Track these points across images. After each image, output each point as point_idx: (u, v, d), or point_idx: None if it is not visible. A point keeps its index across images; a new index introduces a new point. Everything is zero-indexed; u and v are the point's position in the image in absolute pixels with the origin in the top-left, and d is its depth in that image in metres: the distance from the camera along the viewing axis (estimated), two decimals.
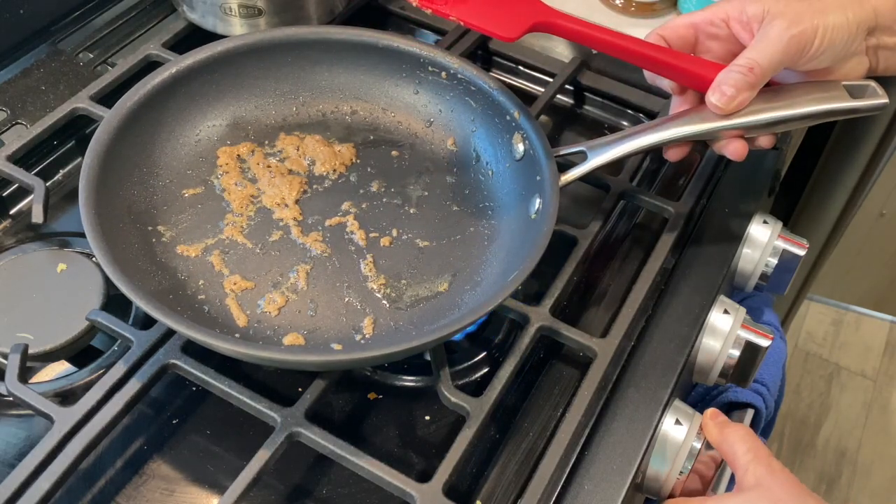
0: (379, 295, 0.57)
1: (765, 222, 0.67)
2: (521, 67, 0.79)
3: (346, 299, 0.56)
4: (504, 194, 0.62)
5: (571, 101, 0.78)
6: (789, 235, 0.68)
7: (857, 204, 1.32)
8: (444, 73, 0.65)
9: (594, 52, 0.77)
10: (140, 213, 0.57)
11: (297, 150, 0.64)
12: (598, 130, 0.76)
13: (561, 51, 0.79)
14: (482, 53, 0.80)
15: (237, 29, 0.74)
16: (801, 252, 0.67)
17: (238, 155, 0.63)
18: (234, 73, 0.63)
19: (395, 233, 0.60)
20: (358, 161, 0.65)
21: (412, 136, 0.67)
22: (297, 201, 0.61)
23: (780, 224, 0.68)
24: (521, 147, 0.61)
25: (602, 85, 0.76)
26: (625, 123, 0.76)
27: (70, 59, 0.75)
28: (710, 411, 0.55)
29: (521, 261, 0.52)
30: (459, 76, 0.64)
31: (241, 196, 0.61)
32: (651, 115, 0.74)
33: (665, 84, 0.60)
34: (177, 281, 0.55)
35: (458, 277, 0.58)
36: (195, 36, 0.77)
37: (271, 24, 0.74)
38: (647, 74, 0.60)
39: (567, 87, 0.76)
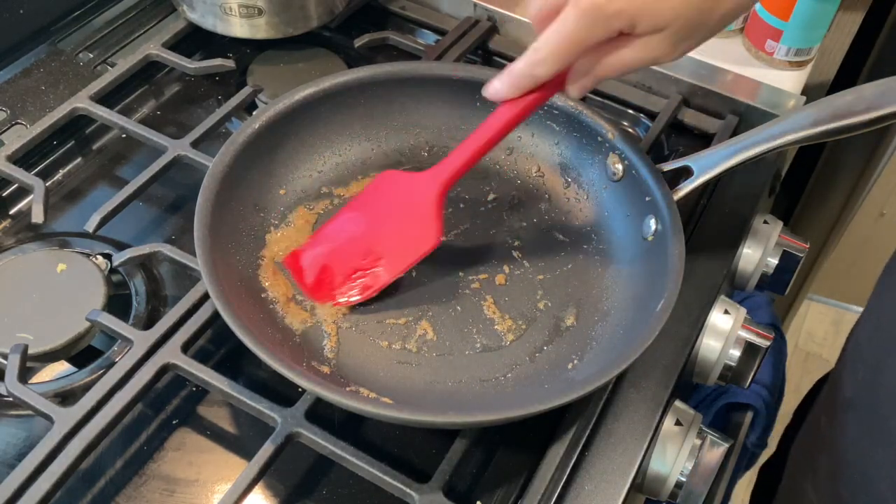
0: (511, 337, 0.56)
1: (765, 222, 0.67)
2: None
3: (478, 345, 0.55)
4: (606, 217, 0.61)
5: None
6: (790, 235, 0.68)
7: (856, 204, 1.32)
8: None
9: None
10: (250, 279, 0.55)
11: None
12: None
13: None
14: (482, 53, 0.80)
15: (237, 29, 0.74)
16: (802, 252, 0.67)
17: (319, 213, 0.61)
18: (310, 124, 0.61)
19: (506, 269, 0.59)
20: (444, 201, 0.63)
21: (494, 167, 0.65)
22: None
23: (780, 224, 0.68)
24: (618, 167, 0.59)
25: (602, 85, 0.76)
26: (625, 123, 0.76)
27: (70, 59, 0.75)
28: None
29: (658, 289, 0.51)
30: None
31: None
32: (651, 116, 0.74)
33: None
34: (313, 349, 0.54)
35: (584, 309, 0.57)
36: (195, 36, 0.77)
37: (271, 23, 0.74)
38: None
39: None
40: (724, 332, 0.60)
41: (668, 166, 0.58)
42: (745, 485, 1.56)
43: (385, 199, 0.58)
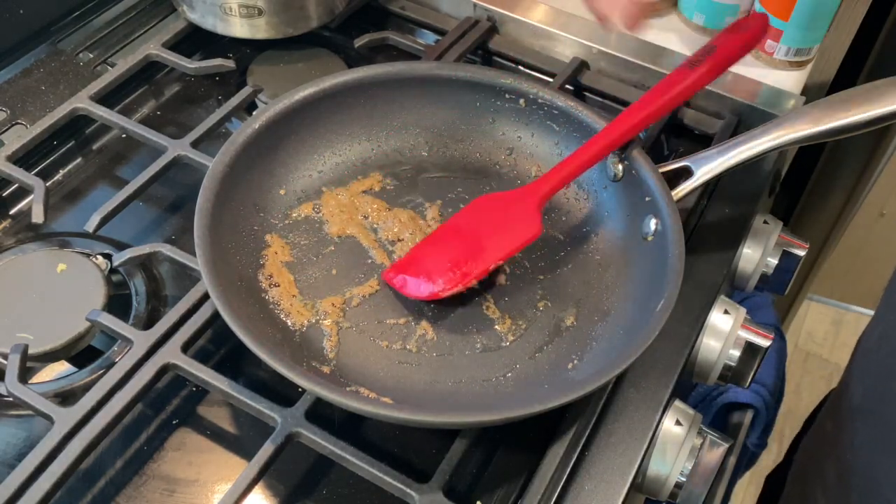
0: (511, 337, 0.56)
1: (765, 222, 0.67)
2: (521, 67, 0.79)
3: (478, 345, 0.55)
4: (605, 217, 0.61)
5: None
6: (790, 235, 0.68)
7: (857, 204, 1.32)
8: (522, 100, 0.63)
9: (594, 51, 0.77)
10: (250, 279, 0.55)
11: (373, 213, 0.62)
12: None
13: (561, 50, 0.79)
14: (482, 53, 0.80)
15: (237, 29, 0.74)
16: (802, 252, 0.67)
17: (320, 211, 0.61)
18: (310, 124, 0.61)
19: (506, 269, 0.59)
20: (445, 202, 0.63)
21: (494, 167, 0.65)
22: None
23: (780, 224, 0.68)
24: (618, 167, 0.59)
25: (602, 85, 0.76)
26: None
27: (70, 59, 0.75)
28: None
29: (658, 289, 0.51)
30: (539, 101, 0.62)
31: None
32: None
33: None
34: (313, 349, 0.54)
35: (584, 309, 0.57)
36: (195, 36, 0.77)
37: (271, 23, 0.74)
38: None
39: (567, 86, 0.76)
40: (724, 332, 0.60)
41: (668, 166, 0.58)
42: (746, 485, 1.57)
43: (481, 214, 0.59)
